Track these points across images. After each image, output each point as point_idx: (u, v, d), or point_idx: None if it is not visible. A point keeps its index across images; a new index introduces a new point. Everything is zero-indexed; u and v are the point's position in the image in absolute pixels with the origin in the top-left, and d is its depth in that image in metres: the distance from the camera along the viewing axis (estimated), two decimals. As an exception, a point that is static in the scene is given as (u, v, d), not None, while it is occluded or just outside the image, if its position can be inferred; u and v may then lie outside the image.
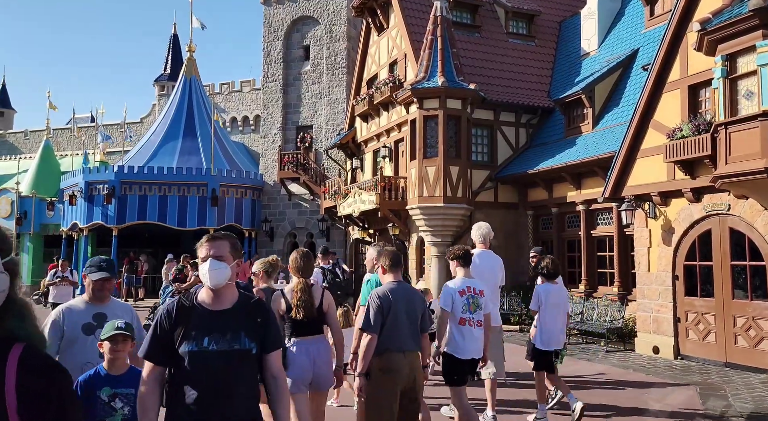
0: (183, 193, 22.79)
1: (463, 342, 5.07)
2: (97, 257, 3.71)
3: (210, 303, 2.63)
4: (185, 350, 2.50)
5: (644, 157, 10.78)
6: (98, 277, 3.54)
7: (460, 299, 5.11)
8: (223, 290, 2.61)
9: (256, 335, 2.60)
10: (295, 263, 4.46)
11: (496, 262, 6.19)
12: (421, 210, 15.38)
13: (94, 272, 3.56)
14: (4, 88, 46.39)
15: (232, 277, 2.64)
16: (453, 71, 15.59)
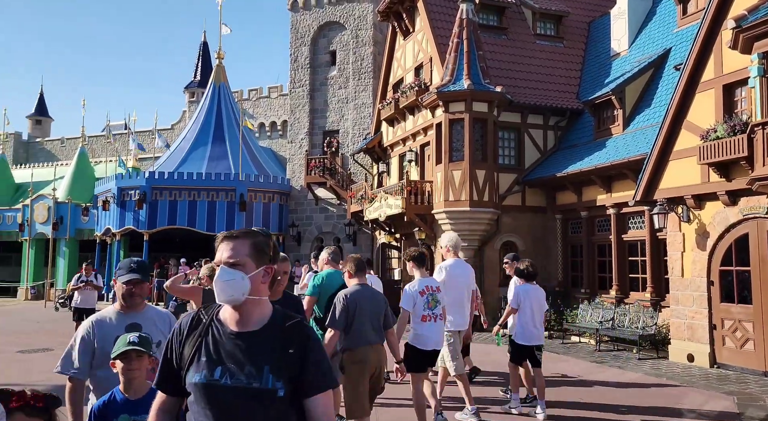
0: (212, 198, 23.12)
1: (426, 336, 5.67)
2: (128, 259, 3.33)
3: (231, 323, 1.98)
4: (191, 380, 1.92)
5: (677, 159, 10.47)
6: (127, 279, 3.13)
7: (421, 298, 5.66)
8: (246, 307, 1.95)
9: (286, 371, 1.90)
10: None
11: (468, 270, 6.66)
12: (447, 214, 15.25)
13: (123, 274, 3.14)
14: (42, 98, 47.84)
15: (258, 289, 1.97)
16: (479, 74, 15.45)
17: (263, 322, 1.96)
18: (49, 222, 27.92)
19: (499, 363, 9.10)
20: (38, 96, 47.90)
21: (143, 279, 3.18)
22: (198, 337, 1.97)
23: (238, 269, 1.92)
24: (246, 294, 1.93)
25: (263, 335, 1.94)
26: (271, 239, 2.04)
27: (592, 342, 12.59)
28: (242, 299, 1.93)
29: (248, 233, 2.02)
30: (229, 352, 1.91)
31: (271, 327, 1.95)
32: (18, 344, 12.48)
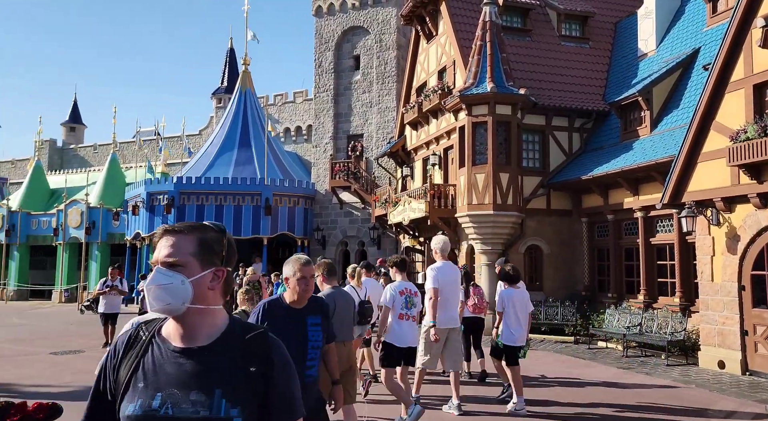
0: (238, 202, 23.41)
1: (402, 333, 6.27)
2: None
3: (175, 338, 1.60)
4: (125, 412, 1.53)
5: (705, 160, 10.23)
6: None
7: (400, 298, 6.28)
8: (190, 318, 1.58)
9: (244, 394, 1.54)
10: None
11: (456, 272, 7.01)
12: (470, 218, 15.16)
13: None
14: (76, 105, 49.15)
15: (205, 296, 1.59)
16: (502, 77, 15.35)
17: (215, 335, 1.59)
18: (82, 227, 28.64)
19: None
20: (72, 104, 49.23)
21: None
22: (135, 358, 1.58)
23: (178, 271, 1.56)
24: (187, 302, 1.55)
25: (215, 351, 1.56)
26: (225, 236, 1.67)
27: (620, 348, 12.35)
28: (182, 308, 1.56)
29: (194, 228, 1.65)
30: (172, 375, 1.53)
31: (225, 341, 1.58)
32: (50, 346, 12.82)
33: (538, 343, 13.59)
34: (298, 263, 3.58)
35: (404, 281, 6.49)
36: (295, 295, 3.55)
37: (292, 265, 3.58)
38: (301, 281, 3.54)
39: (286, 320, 3.50)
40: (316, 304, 3.75)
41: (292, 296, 3.55)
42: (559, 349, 12.82)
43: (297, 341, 3.43)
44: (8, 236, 30.89)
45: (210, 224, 1.69)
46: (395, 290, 6.31)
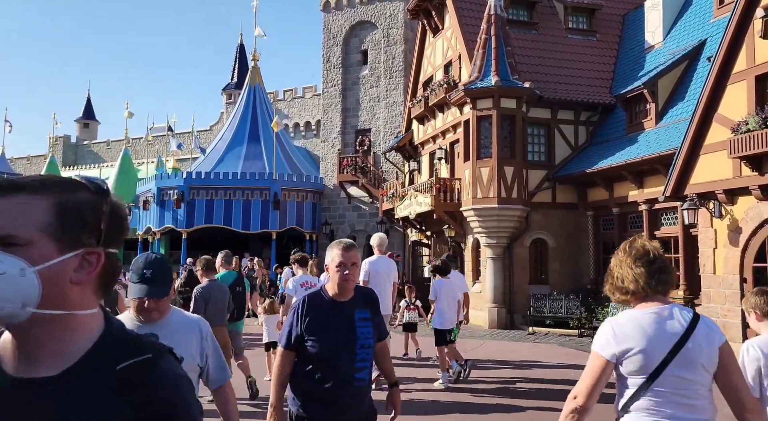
0: (247, 197, 23.62)
1: None
2: (143, 257, 2.57)
3: (9, 361, 1.01)
4: None
5: (708, 153, 10.21)
6: (136, 295, 2.49)
7: (302, 289, 6.93)
8: (35, 329, 0.98)
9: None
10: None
11: (390, 264, 7.81)
12: (475, 212, 15.21)
13: (134, 283, 2.49)
14: (89, 102, 49.72)
15: (64, 294, 0.99)
16: (507, 70, 15.34)
17: (69, 360, 0.98)
18: (94, 221, 29.03)
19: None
20: (85, 100, 49.82)
21: (158, 294, 2.46)
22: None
23: (14, 253, 0.94)
24: (31, 305, 0.95)
25: (68, 386, 0.96)
26: (105, 200, 1.04)
27: (623, 341, 12.36)
28: (21, 314, 0.95)
29: (47, 184, 1.01)
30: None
31: (84, 371, 0.97)
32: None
33: (543, 336, 13.64)
34: (338, 248, 3.06)
35: (306, 275, 7.56)
36: (335, 286, 3.05)
37: (331, 250, 3.09)
38: (341, 268, 3.00)
39: (330, 316, 3.01)
40: (364, 295, 3.20)
41: (334, 287, 3.06)
42: (563, 342, 12.87)
43: (344, 339, 2.98)
44: (23, 231, 31.41)
45: (82, 179, 1.05)
46: (297, 282, 7.31)
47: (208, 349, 2.66)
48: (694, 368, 2.15)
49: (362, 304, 3.13)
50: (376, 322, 3.14)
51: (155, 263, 2.54)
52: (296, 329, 3.00)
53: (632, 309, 2.28)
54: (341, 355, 2.96)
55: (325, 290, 3.11)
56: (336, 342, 2.96)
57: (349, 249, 3.06)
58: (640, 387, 2.18)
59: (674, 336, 2.14)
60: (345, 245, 3.07)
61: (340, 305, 3.05)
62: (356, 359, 3.00)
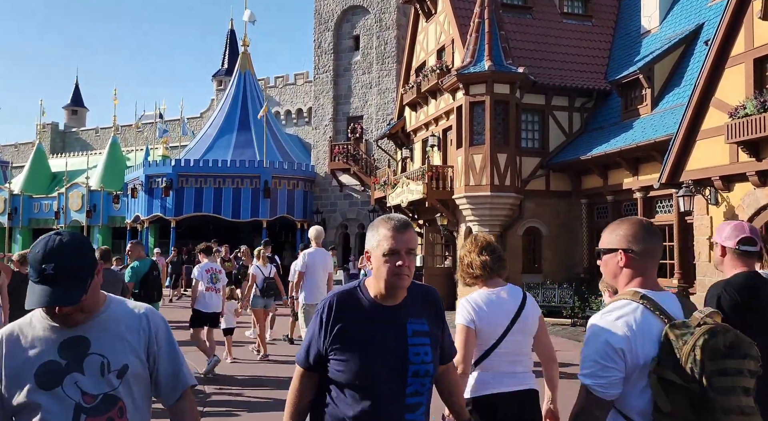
0: (237, 185, 23.29)
1: (208, 302, 8.03)
2: (43, 242, 1.70)
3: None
4: None
5: (704, 138, 9.98)
6: (35, 305, 1.67)
7: (206, 275, 8.07)
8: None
9: None
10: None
11: (326, 256, 8.39)
12: (467, 199, 14.97)
13: (33, 281, 1.67)
14: (77, 88, 49.03)
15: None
16: (501, 55, 15.04)
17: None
18: (83, 210, 28.67)
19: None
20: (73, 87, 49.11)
21: (68, 300, 1.66)
22: None
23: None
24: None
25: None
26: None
27: (616, 330, 12.22)
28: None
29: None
30: None
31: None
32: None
33: (535, 325, 13.48)
34: (387, 227, 2.04)
35: (210, 263, 8.30)
36: (381, 283, 2.04)
37: (376, 230, 2.07)
38: (392, 257, 2.00)
39: (370, 326, 2.04)
40: (422, 297, 2.16)
41: (379, 284, 2.05)
42: (556, 331, 12.69)
43: (389, 362, 2.00)
44: (11, 219, 31.01)
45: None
46: (202, 268, 8.15)
47: (157, 348, 1.86)
48: (526, 333, 2.89)
49: (418, 309, 2.11)
50: (437, 337, 2.12)
51: (58, 251, 1.67)
52: (319, 341, 2.06)
53: (480, 289, 2.90)
54: (384, 385, 1.99)
55: (365, 289, 2.10)
56: (376, 366, 1.99)
57: (404, 229, 2.03)
58: (489, 348, 2.82)
59: (513, 308, 2.84)
60: (398, 224, 2.02)
61: (386, 310, 2.05)
62: (406, 392, 2.02)
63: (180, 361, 1.93)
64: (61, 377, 1.69)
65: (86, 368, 1.72)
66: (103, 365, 1.73)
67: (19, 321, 1.82)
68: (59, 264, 1.67)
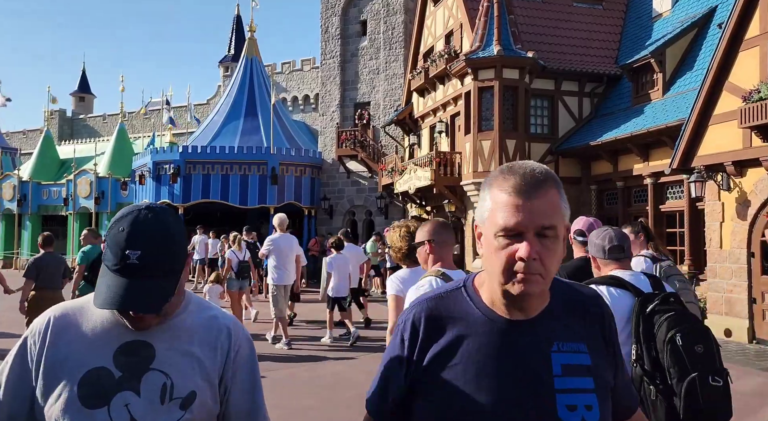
0: (244, 172, 23.26)
1: None
2: (131, 215, 1.26)
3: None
4: None
5: (717, 123, 9.84)
6: (109, 305, 1.22)
7: None
8: None
9: None
10: None
11: (292, 241, 8.95)
12: (475, 186, 14.90)
13: (110, 268, 1.24)
14: (84, 75, 49.03)
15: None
16: (510, 39, 14.87)
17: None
18: (91, 196, 28.75)
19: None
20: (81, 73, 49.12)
21: (152, 306, 1.24)
22: None
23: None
24: None
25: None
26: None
27: (625, 316, 12.19)
28: None
29: None
30: None
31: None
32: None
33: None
34: (504, 185, 1.23)
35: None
36: (495, 285, 1.25)
37: (488, 188, 1.27)
38: (510, 242, 1.21)
39: (487, 352, 1.24)
40: (576, 306, 1.34)
41: (491, 285, 1.27)
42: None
43: (524, 410, 1.18)
44: (20, 206, 31.17)
45: None
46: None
47: (232, 375, 1.39)
48: None
49: (570, 327, 1.29)
50: (605, 377, 1.29)
51: (150, 233, 1.23)
52: (401, 373, 1.30)
53: (404, 268, 3.43)
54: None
55: (474, 291, 1.33)
56: (501, 416, 1.20)
57: (536, 190, 1.22)
58: None
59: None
60: (523, 181, 1.22)
61: (512, 329, 1.26)
62: None
63: (259, 398, 1.42)
64: (111, 394, 1.24)
65: (143, 388, 1.25)
66: (165, 387, 1.25)
67: (74, 302, 1.38)
68: (148, 251, 1.20)
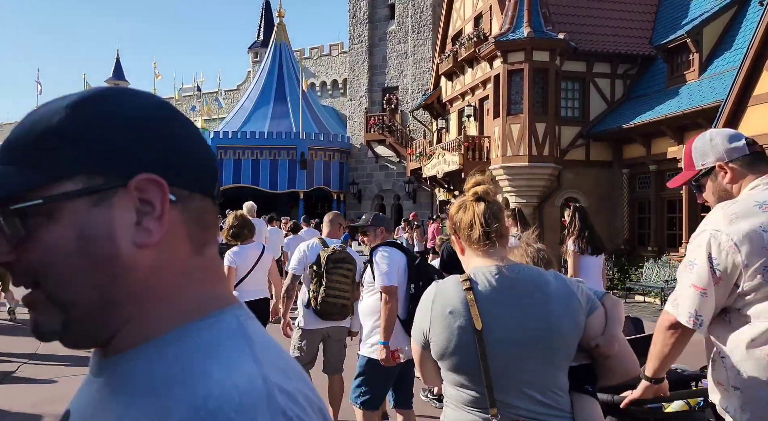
0: (274, 157, 23.55)
1: None
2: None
3: None
4: None
5: (756, 104, 9.55)
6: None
7: None
8: None
9: None
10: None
11: (260, 225, 9.37)
12: (504, 170, 14.78)
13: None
14: (119, 62, 49.91)
15: None
16: (540, 21, 14.60)
17: None
18: (126, 182, 29.50)
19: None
20: (115, 60, 50.01)
21: None
22: None
23: None
24: None
25: None
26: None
27: (657, 302, 12.01)
28: None
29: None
30: None
31: None
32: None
33: (572, 296, 13.39)
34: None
35: None
36: None
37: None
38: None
39: None
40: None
41: None
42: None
43: None
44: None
45: None
46: None
47: None
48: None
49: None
50: None
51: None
52: None
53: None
54: None
55: None
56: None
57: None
58: None
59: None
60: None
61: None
62: None
63: None
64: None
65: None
66: None
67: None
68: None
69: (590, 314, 1.68)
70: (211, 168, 0.65)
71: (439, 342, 1.64)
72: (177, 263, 0.61)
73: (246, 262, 4.93)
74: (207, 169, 0.64)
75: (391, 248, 3.63)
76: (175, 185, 0.59)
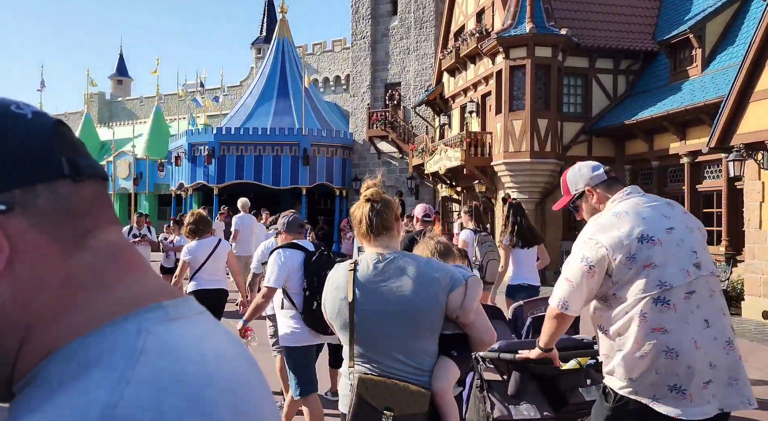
0: (276, 153, 23.54)
1: None
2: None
3: None
4: None
5: (758, 100, 9.52)
6: None
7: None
8: None
9: None
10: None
11: (251, 219, 10.36)
12: (506, 166, 14.80)
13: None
14: (122, 58, 50.00)
15: None
16: (543, 16, 14.59)
17: None
18: (130, 178, 29.56)
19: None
20: (118, 57, 50.09)
21: None
22: None
23: None
24: None
25: None
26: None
27: (658, 298, 12.04)
28: None
29: None
30: None
31: None
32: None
33: (574, 292, 13.41)
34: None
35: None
36: None
37: None
38: None
39: None
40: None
41: None
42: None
43: None
44: (63, 188, 32.23)
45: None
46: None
47: None
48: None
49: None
50: None
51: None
52: None
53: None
54: None
55: None
56: None
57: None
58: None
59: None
60: None
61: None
62: None
63: None
64: None
65: None
66: None
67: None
68: None
69: (452, 292, 2.04)
70: (42, 145, 0.51)
71: (329, 309, 2.17)
72: (48, 277, 0.49)
73: (202, 254, 5.46)
74: (36, 150, 0.50)
75: (289, 249, 3.90)
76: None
